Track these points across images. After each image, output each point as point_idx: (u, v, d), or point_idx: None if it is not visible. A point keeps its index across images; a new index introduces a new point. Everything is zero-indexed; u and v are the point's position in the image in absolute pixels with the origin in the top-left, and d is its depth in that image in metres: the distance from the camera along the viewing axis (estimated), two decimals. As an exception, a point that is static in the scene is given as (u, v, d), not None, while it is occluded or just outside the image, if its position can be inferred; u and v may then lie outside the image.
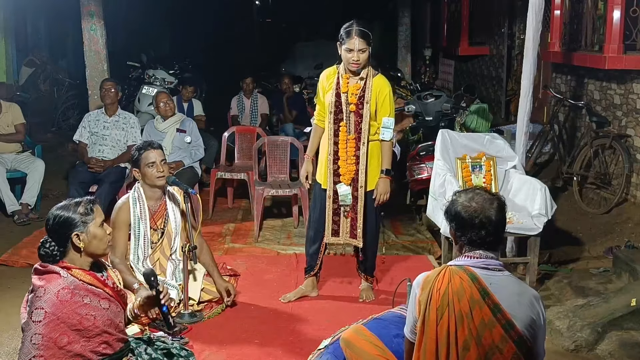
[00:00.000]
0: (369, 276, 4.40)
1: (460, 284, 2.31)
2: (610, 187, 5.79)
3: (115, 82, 6.28)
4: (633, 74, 5.61)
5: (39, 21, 11.74)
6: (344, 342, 2.81)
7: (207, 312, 4.08)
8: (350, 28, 3.92)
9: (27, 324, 2.58)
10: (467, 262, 2.38)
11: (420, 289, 2.38)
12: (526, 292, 2.36)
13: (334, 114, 4.05)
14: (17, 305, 4.24)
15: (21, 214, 6.06)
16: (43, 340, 2.54)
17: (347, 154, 4.05)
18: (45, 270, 2.66)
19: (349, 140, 4.03)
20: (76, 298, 2.62)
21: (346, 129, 4.04)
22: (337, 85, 4.06)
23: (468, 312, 2.27)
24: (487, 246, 2.40)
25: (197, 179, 6.20)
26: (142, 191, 4.07)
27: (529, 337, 2.27)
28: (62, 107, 10.41)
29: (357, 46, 3.90)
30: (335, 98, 4.05)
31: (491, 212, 2.37)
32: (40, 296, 2.57)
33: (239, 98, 8.21)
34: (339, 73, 4.08)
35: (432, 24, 13.29)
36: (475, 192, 2.44)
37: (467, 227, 2.38)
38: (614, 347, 3.61)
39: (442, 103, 6.12)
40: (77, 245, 2.70)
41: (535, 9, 4.59)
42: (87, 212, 2.72)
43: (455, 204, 2.43)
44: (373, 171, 4.13)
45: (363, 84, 4.01)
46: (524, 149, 4.98)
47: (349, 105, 4.02)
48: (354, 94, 4.01)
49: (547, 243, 4.76)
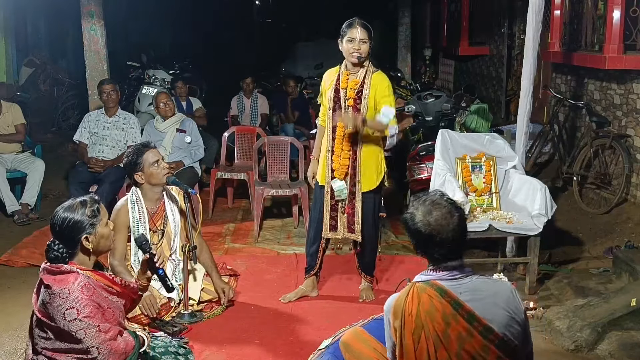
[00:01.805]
0: (369, 275, 4.39)
1: (430, 302, 2.25)
2: (610, 187, 5.79)
3: (114, 83, 6.28)
4: (633, 74, 5.61)
5: (39, 21, 11.73)
6: (343, 345, 2.81)
7: (207, 312, 4.09)
8: (352, 20, 4.00)
9: (65, 327, 2.59)
10: (432, 276, 2.32)
11: (392, 315, 2.33)
12: (500, 290, 2.31)
13: (332, 109, 4.08)
14: (17, 305, 4.27)
15: (21, 214, 6.06)
16: (87, 333, 2.59)
17: (343, 149, 4.06)
18: (59, 270, 2.69)
19: (346, 135, 4.03)
20: (98, 292, 2.69)
21: (344, 125, 4.03)
22: (337, 82, 4.10)
23: (443, 330, 2.22)
24: (451, 257, 2.32)
25: (197, 179, 6.20)
26: (139, 194, 4.06)
27: (510, 337, 2.24)
28: (62, 107, 10.41)
29: (359, 36, 3.94)
30: (334, 94, 4.09)
31: (452, 227, 2.29)
32: (66, 297, 2.61)
33: (239, 98, 8.22)
34: (340, 70, 4.12)
35: (432, 24, 13.29)
36: (434, 203, 2.33)
37: (429, 245, 2.31)
38: (614, 347, 3.61)
39: (442, 103, 6.12)
40: (86, 247, 2.73)
41: (535, 9, 4.59)
42: (94, 214, 2.76)
43: (414, 219, 2.33)
44: (369, 172, 4.11)
45: (362, 80, 4.03)
46: (524, 149, 4.98)
47: (347, 100, 4.04)
48: (352, 89, 4.03)
49: (547, 243, 4.76)
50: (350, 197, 4.12)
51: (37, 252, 5.22)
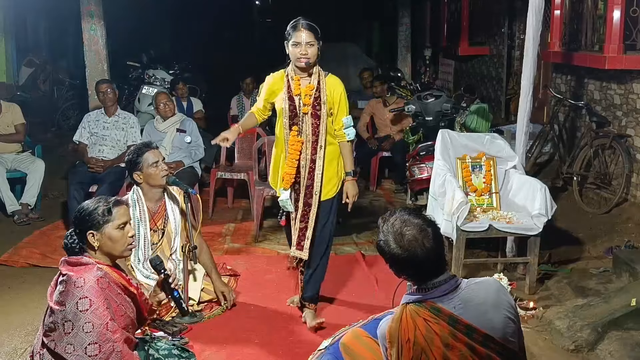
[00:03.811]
0: (313, 304, 4.00)
1: (426, 326, 2.19)
2: (610, 187, 5.79)
3: (110, 83, 6.28)
4: (633, 74, 5.61)
5: (39, 21, 11.75)
6: (342, 347, 2.81)
7: (207, 312, 4.09)
8: (297, 22, 3.72)
9: (74, 315, 2.60)
10: (423, 296, 2.25)
11: (388, 342, 2.27)
12: (490, 294, 2.25)
13: (289, 118, 3.77)
14: (17, 305, 4.27)
15: (21, 214, 6.06)
16: (94, 327, 2.59)
17: (290, 157, 3.78)
18: (77, 262, 2.72)
19: (297, 143, 3.76)
20: (112, 287, 2.70)
21: (297, 132, 3.76)
22: (288, 89, 3.78)
23: (443, 353, 2.16)
24: (435, 274, 2.25)
25: (197, 179, 6.19)
26: (141, 193, 4.07)
27: (510, 339, 2.21)
28: (62, 107, 10.42)
29: (305, 39, 3.66)
30: (289, 102, 3.76)
31: (429, 244, 2.21)
32: (81, 286, 2.62)
33: (239, 98, 8.22)
34: (288, 76, 3.80)
35: (432, 24, 13.27)
36: (403, 223, 2.24)
37: (409, 267, 2.24)
38: (614, 347, 3.60)
39: (442, 103, 6.11)
40: (91, 243, 2.76)
41: (535, 9, 4.59)
42: (104, 213, 2.77)
43: (389, 245, 2.24)
44: (329, 180, 3.84)
45: (316, 84, 3.75)
46: (524, 149, 4.98)
47: (303, 107, 3.74)
48: (308, 95, 3.74)
49: (547, 243, 4.75)
50: (306, 210, 3.81)
51: (37, 252, 5.22)
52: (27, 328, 3.93)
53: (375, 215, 6.00)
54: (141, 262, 4.06)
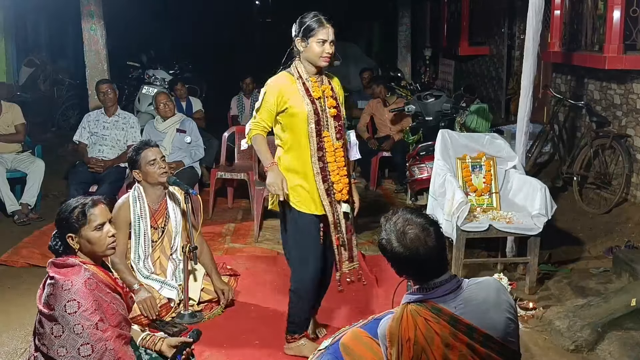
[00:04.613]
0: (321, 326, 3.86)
1: (426, 326, 2.18)
2: (610, 187, 5.79)
3: (110, 83, 6.29)
4: (633, 74, 5.61)
5: (39, 21, 11.75)
6: (342, 347, 2.80)
7: (207, 312, 4.09)
8: (318, 17, 3.36)
9: (62, 319, 2.59)
10: (424, 296, 2.25)
11: (388, 341, 2.26)
12: (490, 294, 2.24)
13: (315, 124, 3.38)
14: (17, 305, 4.27)
15: (21, 214, 6.06)
16: (84, 328, 2.58)
17: (338, 165, 3.44)
18: (63, 263, 2.71)
19: (337, 150, 3.44)
20: (101, 287, 2.69)
21: (329, 137, 3.43)
22: (307, 92, 3.40)
23: (444, 353, 2.16)
24: (438, 274, 2.24)
25: (197, 179, 6.20)
26: (142, 190, 4.08)
27: (510, 338, 2.21)
28: (62, 107, 10.42)
29: (332, 36, 3.35)
30: (312, 106, 3.39)
31: (431, 243, 2.20)
32: (68, 289, 2.61)
33: (239, 98, 8.22)
34: (302, 78, 3.43)
35: (432, 24, 13.27)
36: (405, 222, 2.22)
37: (410, 266, 2.24)
38: (614, 347, 3.61)
39: (442, 103, 6.11)
40: (71, 245, 2.75)
41: (535, 9, 4.59)
42: (79, 217, 2.73)
43: (390, 242, 2.23)
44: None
45: (330, 84, 3.50)
46: (524, 149, 4.98)
47: (329, 110, 3.44)
48: (330, 97, 3.46)
49: (547, 243, 4.75)
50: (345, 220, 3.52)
51: (37, 252, 5.22)
52: (27, 328, 3.93)
53: (375, 215, 6.00)
54: (142, 259, 4.06)
